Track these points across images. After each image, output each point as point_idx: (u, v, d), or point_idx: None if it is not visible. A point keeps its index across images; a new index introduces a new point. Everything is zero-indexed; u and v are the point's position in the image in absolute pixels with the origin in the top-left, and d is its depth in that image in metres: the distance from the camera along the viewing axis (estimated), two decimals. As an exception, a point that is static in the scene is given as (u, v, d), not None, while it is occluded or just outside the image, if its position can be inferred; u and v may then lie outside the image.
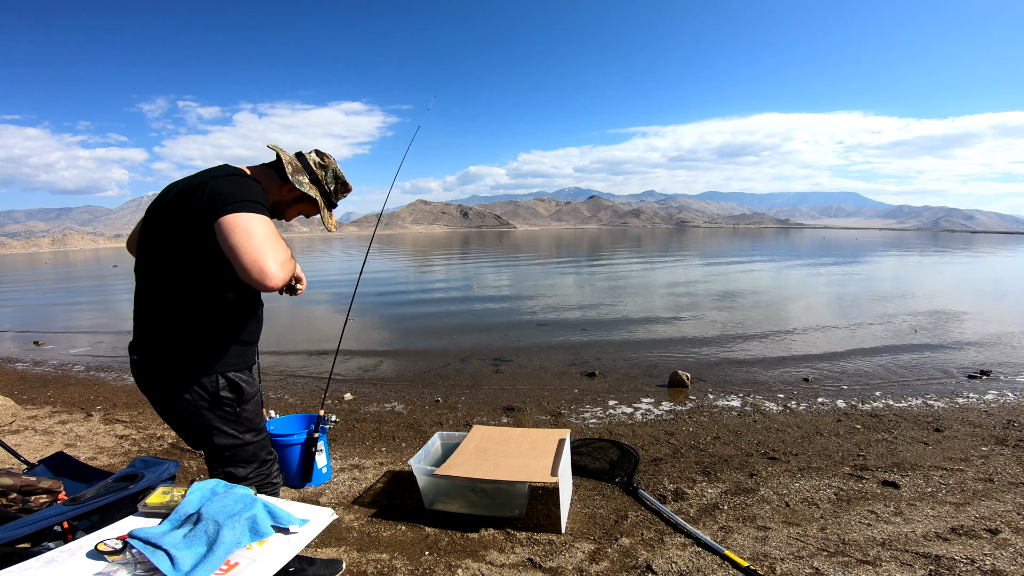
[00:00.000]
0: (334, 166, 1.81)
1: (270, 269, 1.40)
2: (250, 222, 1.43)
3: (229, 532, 1.30)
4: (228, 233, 1.41)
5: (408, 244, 62.81)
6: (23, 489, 1.77)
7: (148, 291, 1.60)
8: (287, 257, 1.49)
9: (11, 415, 4.44)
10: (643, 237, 75.83)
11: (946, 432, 3.69)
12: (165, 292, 1.57)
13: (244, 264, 1.39)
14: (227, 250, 1.42)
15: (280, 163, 1.72)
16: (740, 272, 18.05)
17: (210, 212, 1.45)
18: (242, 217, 1.43)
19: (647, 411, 4.38)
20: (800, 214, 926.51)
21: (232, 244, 1.40)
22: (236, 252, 1.40)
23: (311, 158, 1.77)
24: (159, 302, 1.58)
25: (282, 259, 1.45)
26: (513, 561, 2.22)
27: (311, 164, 1.76)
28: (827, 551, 2.22)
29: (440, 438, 3.07)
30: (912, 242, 49.72)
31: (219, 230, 1.42)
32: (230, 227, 1.41)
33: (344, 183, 1.83)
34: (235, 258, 1.40)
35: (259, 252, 1.40)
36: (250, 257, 1.39)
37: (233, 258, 1.41)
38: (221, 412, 1.65)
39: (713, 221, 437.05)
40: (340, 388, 5.27)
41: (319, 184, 1.77)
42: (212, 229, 1.45)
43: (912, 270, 18.80)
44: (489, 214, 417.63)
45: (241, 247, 1.40)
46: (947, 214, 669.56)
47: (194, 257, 1.54)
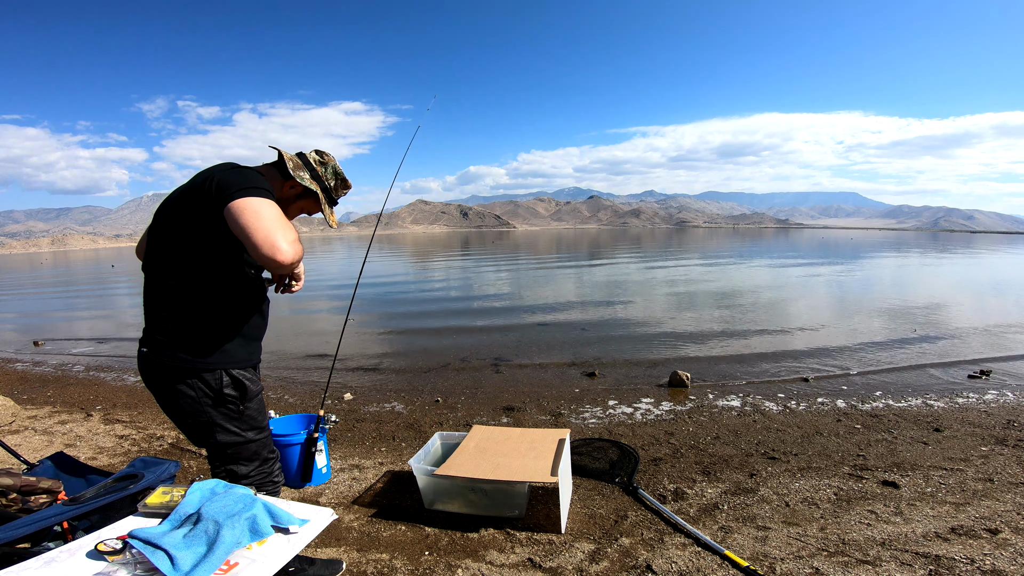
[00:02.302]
0: (334, 163, 1.86)
1: (281, 245, 1.45)
2: (259, 205, 1.48)
3: (229, 532, 1.30)
4: (238, 215, 1.46)
5: (408, 244, 62.81)
6: (23, 489, 1.77)
7: (156, 284, 1.63)
8: (296, 238, 1.53)
9: (11, 415, 4.44)
10: (643, 237, 75.86)
11: (946, 432, 3.69)
12: (174, 284, 1.60)
13: (256, 241, 1.43)
14: (239, 231, 1.46)
15: (282, 161, 1.76)
16: (740, 272, 18.06)
17: (219, 200, 1.50)
18: (251, 200, 1.48)
19: (647, 411, 4.38)
20: (800, 214, 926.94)
21: (243, 224, 1.45)
22: (248, 231, 1.44)
23: (311, 156, 1.83)
24: (168, 294, 1.61)
25: (292, 238, 1.49)
26: (513, 561, 2.22)
27: (311, 161, 1.81)
28: (827, 551, 2.22)
29: (440, 438, 3.07)
30: (912, 242, 49.75)
31: (229, 214, 1.47)
32: (240, 210, 1.46)
33: (344, 179, 1.87)
34: (247, 237, 1.44)
35: (269, 230, 1.45)
36: (261, 235, 1.44)
37: (245, 238, 1.45)
38: (224, 409, 1.66)
39: (713, 221, 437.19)
40: (340, 388, 5.27)
41: (319, 180, 1.81)
42: (222, 217, 1.49)
43: (912, 270, 18.80)
44: (489, 214, 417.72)
45: (252, 226, 1.44)
46: (947, 214, 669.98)
47: (201, 248, 1.57)
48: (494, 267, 22.74)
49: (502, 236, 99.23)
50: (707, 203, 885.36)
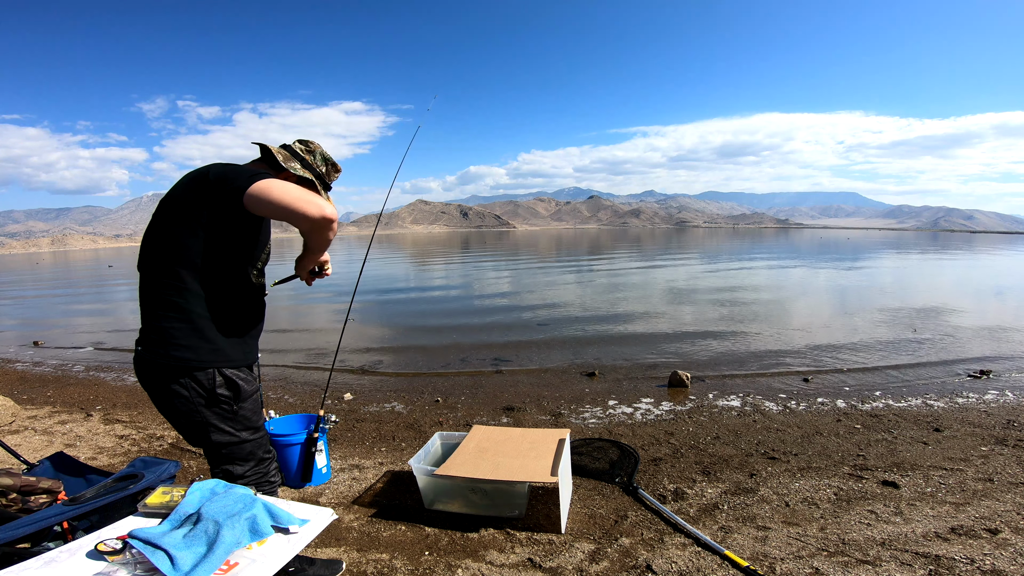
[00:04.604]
0: (320, 149, 1.86)
1: (320, 203, 1.48)
2: (284, 183, 1.52)
3: (229, 532, 1.30)
4: (265, 194, 1.48)
5: (408, 244, 62.79)
6: (23, 489, 1.77)
7: (150, 283, 1.63)
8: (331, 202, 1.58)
9: (11, 415, 4.44)
10: (643, 237, 75.83)
11: (946, 432, 3.69)
12: (167, 283, 1.60)
13: (297, 208, 1.47)
14: (271, 209, 1.49)
15: (269, 154, 1.76)
16: (739, 272, 18.05)
17: (230, 191, 1.51)
18: (267, 181, 1.51)
19: (647, 411, 4.38)
20: (800, 214, 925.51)
21: (274, 200, 1.47)
22: (283, 203, 1.47)
23: (296, 146, 1.83)
24: (161, 293, 1.61)
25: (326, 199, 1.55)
26: (513, 561, 2.22)
27: (299, 151, 1.82)
28: (827, 551, 2.22)
29: (440, 438, 3.07)
30: (911, 242, 49.74)
31: (252, 199, 1.48)
32: (264, 190, 1.48)
33: (333, 163, 1.89)
34: (285, 208, 1.47)
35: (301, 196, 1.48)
36: (300, 201, 1.47)
37: (283, 210, 1.47)
38: (218, 409, 1.66)
39: (713, 221, 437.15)
40: (340, 388, 5.27)
41: (311, 168, 1.83)
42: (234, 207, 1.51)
43: (911, 270, 18.80)
44: (489, 214, 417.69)
45: (284, 199, 1.47)
46: (947, 214, 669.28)
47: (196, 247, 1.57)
48: (494, 267, 22.73)
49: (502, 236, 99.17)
50: (707, 203, 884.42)
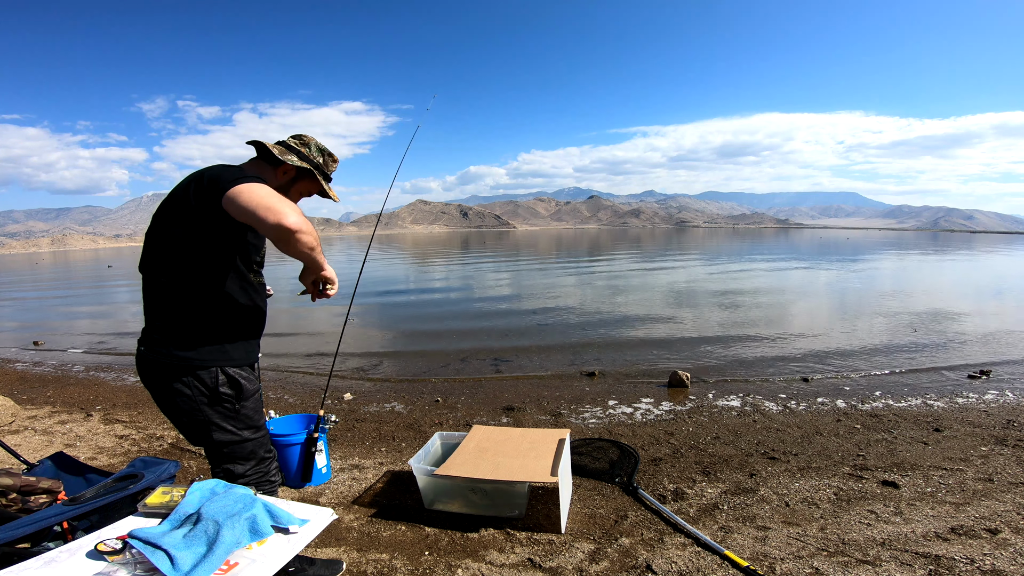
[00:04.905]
0: (315, 141, 1.87)
1: (284, 210, 1.47)
2: (256, 186, 1.52)
3: (229, 532, 1.30)
4: (237, 197, 1.48)
5: (408, 244, 62.79)
6: (23, 489, 1.77)
7: (153, 282, 1.64)
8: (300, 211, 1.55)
9: (11, 415, 4.44)
10: (643, 237, 75.83)
11: (946, 432, 3.69)
12: (169, 282, 1.61)
13: (260, 215, 1.46)
14: (242, 213, 1.48)
15: (265, 150, 1.78)
16: (739, 272, 18.05)
17: (215, 192, 1.51)
18: (247, 185, 1.51)
19: (647, 411, 4.37)
20: (800, 214, 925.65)
21: (244, 203, 1.47)
22: (250, 207, 1.47)
23: (290, 141, 1.84)
24: (163, 292, 1.62)
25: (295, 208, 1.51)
26: (513, 561, 2.22)
27: (293, 145, 1.83)
28: (827, 551, 2.22)
29: (440, 438, 3.07)
30: (911, 242, 49.74)
31: (229, 201, 1.49)
32: (238, 192, 1.48)
33: (330, 153, 1.90)
34: (252, 214, 1.47)
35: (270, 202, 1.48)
36: (263, 207, 1.46)
37: (250, 215, 1.47)
38: (220, 408, 1.66)
39: (713, 221, 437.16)
40: (340, 388, 5.27)
41: (308, 159, 1.83)
42: (219, 211, 1.50)
43: (911, 270, 18.80)
44: (489, 214, 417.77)
45: (252, 203, 1.47)
46: (947, 214, 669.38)
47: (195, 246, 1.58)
48: (494, 267, 22.73)
49: (502, 236, 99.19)
50: (707, 203, 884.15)
